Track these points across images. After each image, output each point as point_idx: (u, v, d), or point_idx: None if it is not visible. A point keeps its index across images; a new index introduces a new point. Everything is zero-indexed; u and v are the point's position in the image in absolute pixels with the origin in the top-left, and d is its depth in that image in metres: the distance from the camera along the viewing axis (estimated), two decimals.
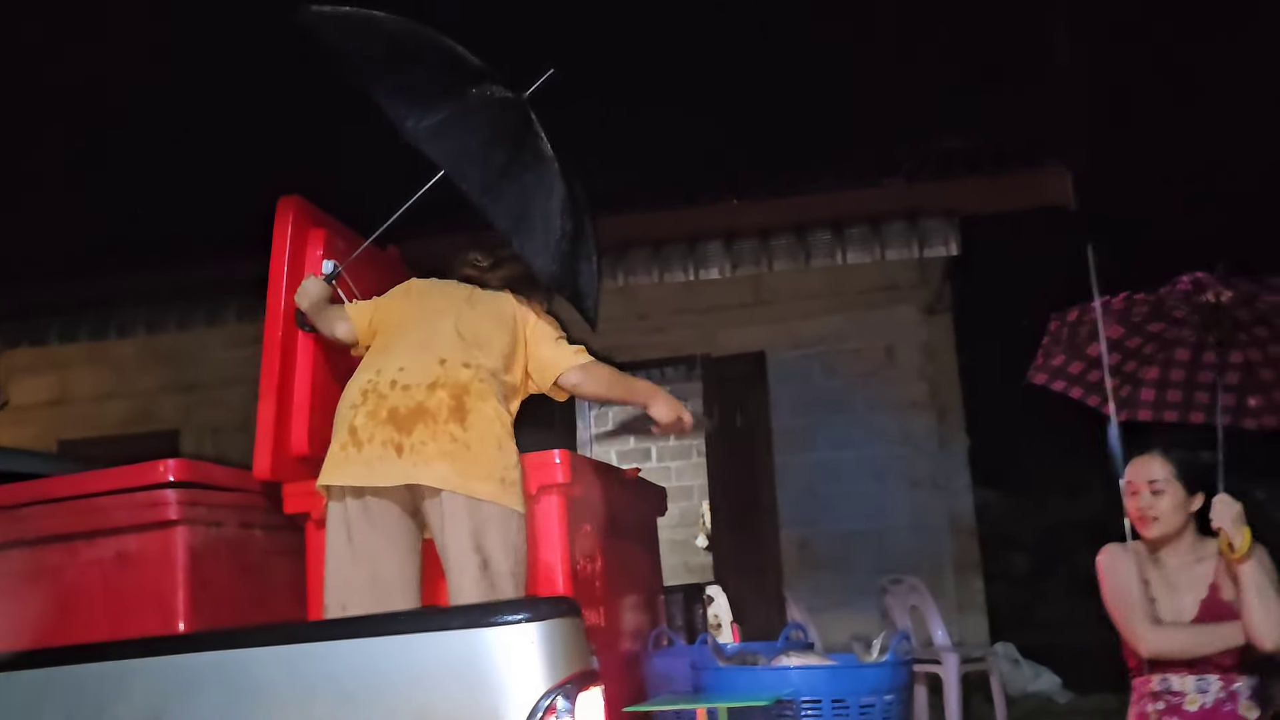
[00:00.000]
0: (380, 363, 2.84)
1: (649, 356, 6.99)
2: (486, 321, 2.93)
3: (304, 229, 3.23)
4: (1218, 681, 2.62)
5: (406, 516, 2.77)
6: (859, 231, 5.85)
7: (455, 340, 2.84)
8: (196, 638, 2.54)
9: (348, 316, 3.04)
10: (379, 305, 3.05)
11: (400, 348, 2.86)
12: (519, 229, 2.96)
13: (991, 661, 5.58)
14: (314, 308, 3.07)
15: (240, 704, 2.13)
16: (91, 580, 2.91)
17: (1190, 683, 2.63)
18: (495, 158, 2.98)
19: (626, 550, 3.49)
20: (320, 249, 3.22)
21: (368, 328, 3.02)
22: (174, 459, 2.90)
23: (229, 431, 6.67)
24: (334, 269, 3.14)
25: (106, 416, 7.30)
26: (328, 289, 3.11)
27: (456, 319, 2.92)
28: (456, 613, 2.35)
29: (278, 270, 3.18)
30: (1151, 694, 2.69)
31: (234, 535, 3.04)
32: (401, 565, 2.76)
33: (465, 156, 2.97)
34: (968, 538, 6.59)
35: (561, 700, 2.06)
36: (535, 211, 2.99)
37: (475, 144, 2.99)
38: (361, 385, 2.80)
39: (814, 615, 5.65)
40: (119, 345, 6.96)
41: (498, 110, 3.05)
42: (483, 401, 2.75)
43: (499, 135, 3.03)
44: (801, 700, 2.54)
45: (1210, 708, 2.60)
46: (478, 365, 2.80)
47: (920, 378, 6.60)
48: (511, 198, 2.98)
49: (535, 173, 3.03)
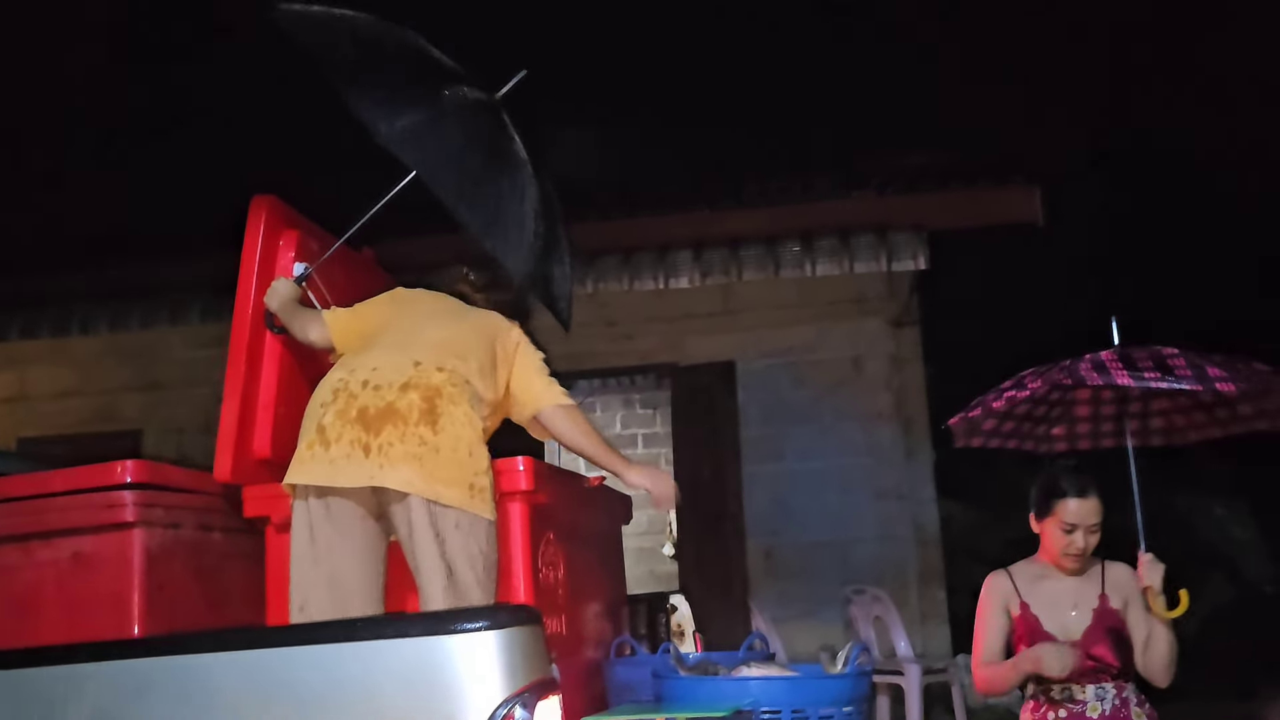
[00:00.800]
0: (355, 363, 2.79)
1: (618, 364, 6.99)
2: (470, 333, 2.89)
3: (276, 229, 3.20)
4: (1111, 689, 2.83)
5: (371, 519, 2.72)
6: (828, 244, 5.90)
7: (433, 344, 2.80)
8: (148, 642, 2.50)
9: (324, 322, 2.98)
10: (358, 312, 3.01)
11: (377, 349, 2.82)
12: (492, 232, 2.96)
13: (953, 672, 5.62)
14: (284, 309, 3.04)
15: (192, 710, 2.10)
16: (46, 581, 2.87)
17: (1090, 691, 2.83)
18: (470, 162, 2.99)
19: (590, 558, 3.49)
20: (292, 250, 3.20)
21: (344, 333, 2.97)
22: (132, 460, 2.87)
23: (193, 432, 6.59)
24: (305, 270, 3.12)
25: (68, 415, 7.19)
26: (298, 290, 3.08)
27: (439, 325, 2.89)
28: (415, 620, 2.33)
29: (248, 270, 3.15)
30: (1051, 702, 2.87)
31: (192, 538, 3.00)
32: (363, 568, 2.70)
33: (440, 161, 2.97)
34: (932, 549, 6.63)
35: (520, 709, 2.05)
36: (509, 214, 2.99)
37: (450, 149, 2.99)
38: (333, 384, 2.75)
39: (778, 625, 5.67)
40: (81, 342, 6.87)
41: (471, 113, 3.05)
42: (455, 405, 2.68)
43: (473, 139, 3.02)
44: (761, 711, 2.55)
45: (1109, 714, 2.81)
46: (452, 370, 2.75)
47: (887, 389, 6.64)
48: (485, 201, 2.98)
49: (510, 176, 3.03)
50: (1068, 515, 2.87)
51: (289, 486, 2.73)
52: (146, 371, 7.17)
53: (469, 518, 2.62)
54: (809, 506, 6.52)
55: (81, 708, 2.16)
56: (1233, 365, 2.86)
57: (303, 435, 2.73)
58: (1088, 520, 2.87)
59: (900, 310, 6.68)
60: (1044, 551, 2.99)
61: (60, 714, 2.17)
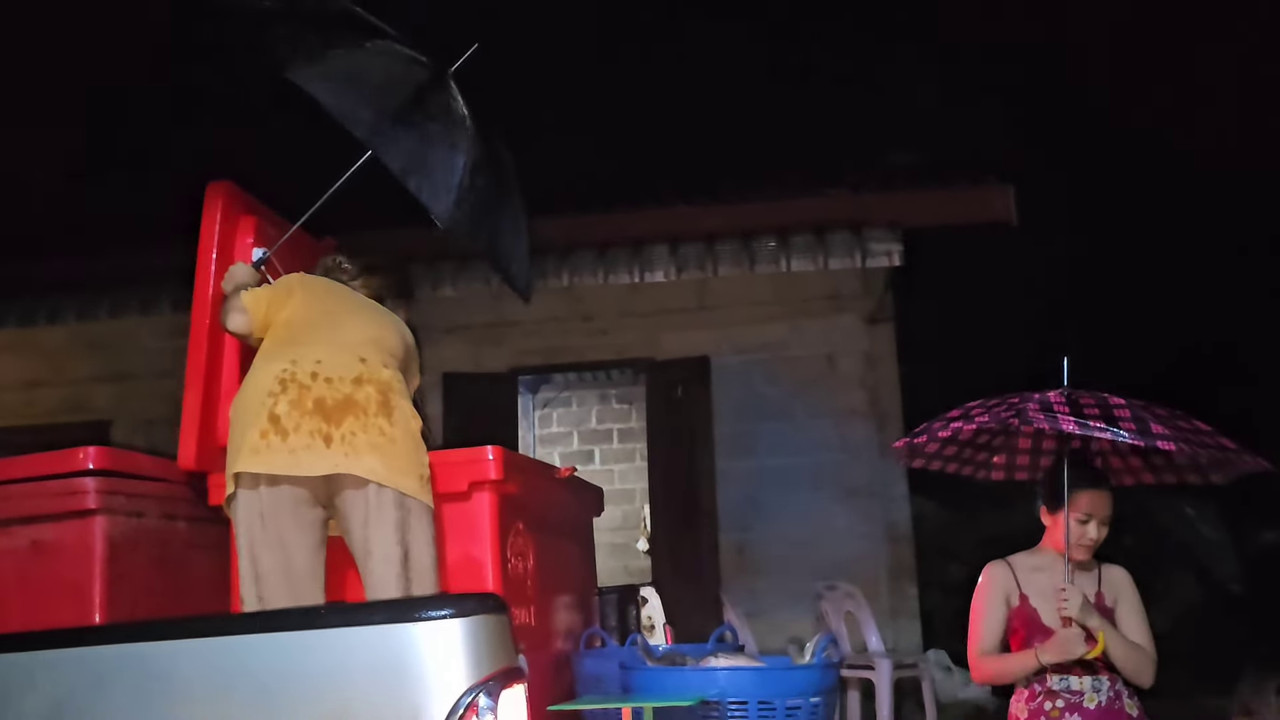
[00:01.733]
0: (293, 354, 2.78)
1: (593, 358, 6.98)
2: (391, 333, 2.97)
3: (234, 215, 3.17)
4: (1106, 680, 2.86)
5: (318, 507, 2.75)
6: (803, 240, 5.91)
7: (368, 343, 2.86)
8: (106, 630, 2.47)
9: (245, 308, 2.93)
10: (273, 298, 2.96)
11: (312, 341, 2.82)
12: (415, 171, 2.98)
13: (923, 668, 5.65)
14: (235, 295, 2.99)
15: (151, 698, 2.06)
16: (5, 570, 2.84)
17: (1087, 682, 2.86)
18: (388, 101, 2.99)
19: (560, 549, 3.48)
20: (250, 236, 3.17)
21: (263, 319, 2.93)
22: (94, 446, 2.83)
23: (163, 423, 6.47)
24: (263, 255, 3.09)
25: (36, 405, 7.11)
26: (255, 275, 3.06)
27: (364, 323, 2.93)
28: (379, 607, 2.31)
29: (206, 256, 3.12)
30: (1049, 691, 2.88)
31: (155, 526, 2.97)
32: (312, 555, 2.74)
33: (353, 97, 2.97)
34: (903, 546, 6.66)
35: (484, 698, 2.03)
36: (436, 158, 3.01)
37: (365, 86, 2.99)
38: (276, 374, 2.73)
39: (750, 620, 5.68)
40: (49, 332, 6.79)
41: (401, 61, 3.06)
42: (403, 399, 2.80)
43: (395, 81, 3.03)
44: (728, 701, 2.54)
45: (1105, 705, 2.85)
46: (395, 369, 2.85)
47: (861, 386, 6.66)
48: (408, 141, 2.99)
49: (440, 123, 3.05)
50: (1083, 506, 2.89)
51: (234, 476, 2.70)
52: (116, 362, 7.09)
53: (420, 505, 2.71)
54: (782, 502, 6.53)
55: (39, 697, 2.13)
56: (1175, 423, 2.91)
57: (248, 424, 2.70)
58: (1101, 512, 2.90)
59: (875, 307, 6.70)
60: (1051, 542, 3.00)
61: (18, 703, 2.13)
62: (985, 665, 2.94)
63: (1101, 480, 2.97)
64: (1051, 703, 2.88)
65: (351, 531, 2.70)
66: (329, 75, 2.95)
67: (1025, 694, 2.94)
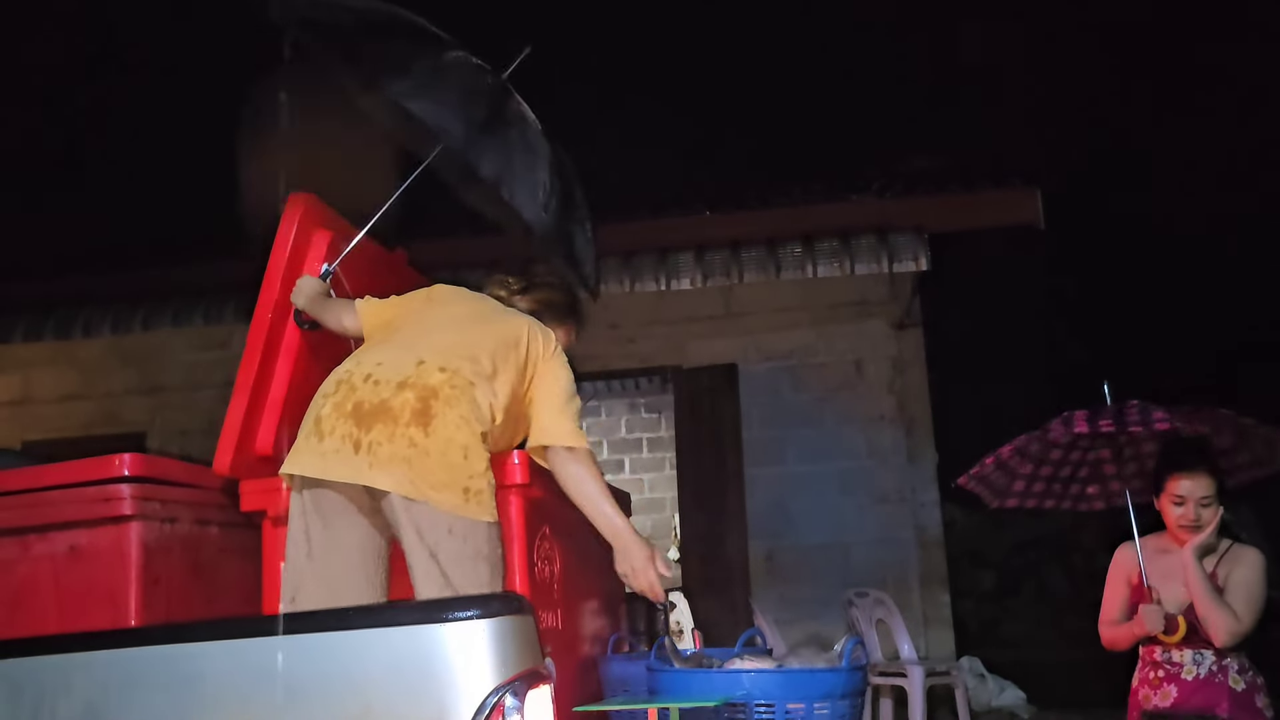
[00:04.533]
0: (365, 356, 2.74)
1: (621, 366, 6.99)
2: (490, 338, 2.76)
3: (310, 227, 3.18)
4: (1211, 655, 3.02)
5: (365, 514, 2.65)
6: (829, 245, 5.90)
7: (443, 345, 2.71)
8: (139, 632, 2.50)
9: (355, 310, 2.95)
10: (391, 303, 2.95)
11: (390, 344, 2.77)
12: (505, 179, 2.96)
13: (957, 675, 5.60)
14: (310, 303, 3.02)
15: (183, 699, 2.09)
16: (43, 576, 2.87)
17: (1188, 655, 3.05)
18: (475, 112, 2.97)
19: (587, 554, 3.47)
20: (324, 249, 3.16)
21: (372, 324, 2.92)
22: (129, 454, 2.87)
23: (197, 434, 6.60)
24: (329, 267, 3.11)
25: (71, 418, 7.23)
26: (323, 285, 3.07)
27: (458, 327, 2.80)
28: (405, 608, 2.32)
29: (276, 266, 3.12)
30: (1153, 663, 3.11)
31: (189, 532, 3.01)
32: (356, 563, 2.64)
33: (445, 110, 2.96)
34: (935, 552, 6.61)
35: (510, 698, 2.03)
36: (519, 164, 2.99)
37: (454, 99, 2.97)
38: (338, 375, 2.70)
39: (780, 627, 5.66)
40: (84, 345, 6.91)
41: (474, 71, 3.07)
42: (450, 408, 2.58)
43: (476, 92, 3.03)
44: (755, 703, 2.54)
45: (1203, 678, 3.00)
46: (455, 371, 2.64)
47: (889, 392, 6.64)
48: (495, 150, 2.98)
49: (518, 129, 3.05)
50: (1177, 490, 3.07)
51: (285, 477, 2.71)
52: (150, 374, 7.21)
53: (464, 522, 2.53)
54: (810, 509, 6.51)
55: (73, 698, 2.16)
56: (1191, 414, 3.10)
57: (303, 425, 2.70)
58: (1196, 494, 3.04)
59: (902, 312, 6.68)
60: (1168, 528, 3.17)
61: (51, 704, 2.16)
62: (1104, 633, 3.22)
63: (1195, 461, 3.09)
64: (1154, 673, 3.10)
65: (399, 541, 2.62)
66: (420, 90, 2.93)
67: (1139, 664, 3.18)
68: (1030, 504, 3.64)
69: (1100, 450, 3.48)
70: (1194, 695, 2.99)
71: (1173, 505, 3.09)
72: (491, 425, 2.66)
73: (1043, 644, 8.36)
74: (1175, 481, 3.08)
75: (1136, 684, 3.14)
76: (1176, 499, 3.07)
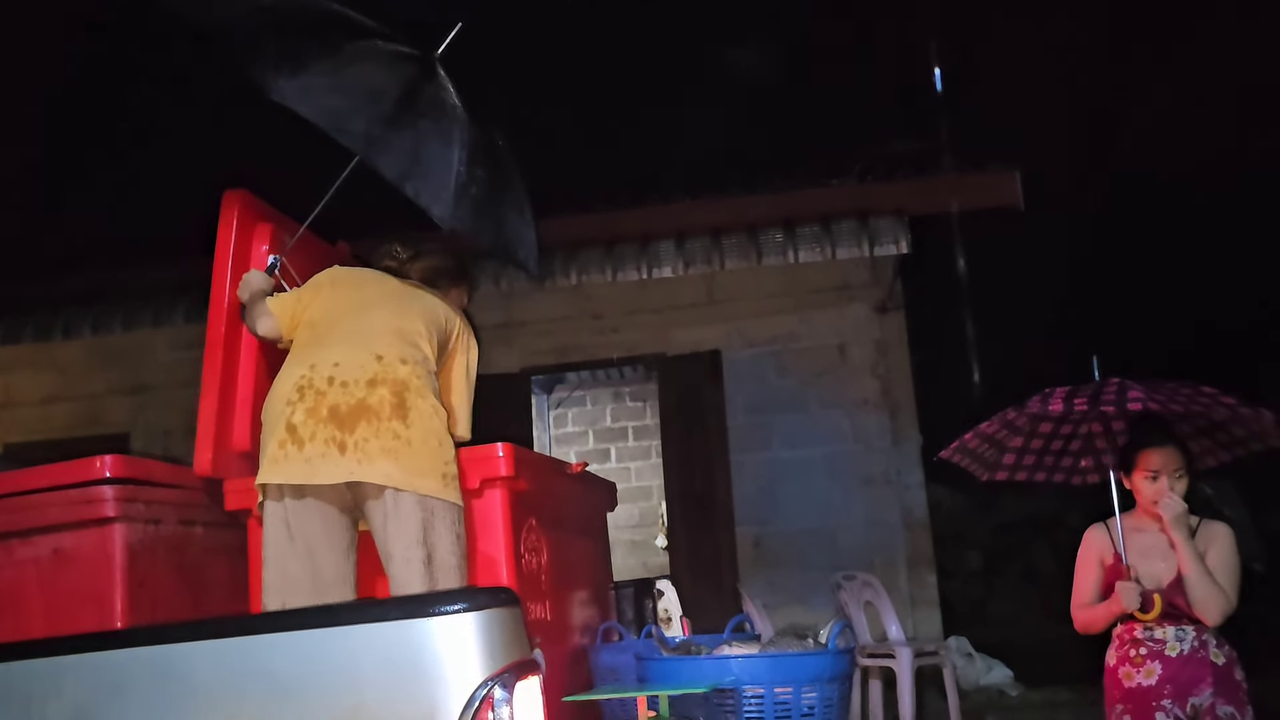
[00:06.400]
0: (313, 357, 2.78)
1: (605, 356, 6.99)
2: (419, 319, 2.90)
3: (250, 222, 3.19)
4: (1191, 631, 3.01)
5: (344, 514, 2.75)
6: (810, 231, 5.91)
7: (389, 335, 2.81)
8: (126, 634, 2.49)
9: (269, 311, 2.96)
10: (300, 297, 2.98)
11: (332, 341, 2.81)
12: (411, 174, 2.92)
13: (944, 655, 5.63)
14: (253, 301, 3.01)
15: (172, 699, 2.09)
16: (27, 579, 2.87)
17: (1170, 632, 3.03)
18: (380, 108, 2.94)
19: (574, 544, 3.49)
20: (266, 243, 3.19)
21: (290, 321, 2.94)
22: (111, 455, 2.86)
23: (180, 434, 6.56)
24: (275, 261, 3.11)
25: (53, 420, 7.17)
26: (269, 281, 3.07)
27: (389, 313, 2.89)
28: (393, 604, 2.32)
29: (221, 264, 3.14)
30: (1133, 640, 3.08)
31: (173, 533, 3.00)
32: (340, 562, 2.73)
33: (341, 110, 2.92)
34: (921, 534, 6.64)
35: (499, 690, 2.04)
36: (431, 157, 2.96)
37: (354, 97, 2.94)
38: (295, 381, 2.74)
39: (769, 611, 5.68)
40: (65, 347, 6.85)
41: (383, 61, 3.01)
42: (421, 398, 2.73)
43: (384, 85, 2.98)
44: (744, 688, 2.55)
45: (1187, 654, 2.99)
46: (414, 361, 2.78)
47: (873, 376, 6.65)
48: (400, 145, 2.94)
49: (431, 119, 3.00)
50: (1150, 464, 3.06)
51: (260, 486, 2.73)
52: (131, 374, 7.15)
53: (444, 505, 2.68)
54: (797, 494, 6.52)
55: (62, 702, 2.15)
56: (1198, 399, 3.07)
57: (269, 433, 2.73)
58: (1169, 466, 3.04)
59: (884, 296, 6.69)
60: (1139, 506, 3.17)
61: (40, 708, 2.16)
62: (1077, 615, 3.18)
63: (1163, 436, 3.10)
64: (1136, 650, 3.07)
65: (375, 535, 2.71)
66: (312, 90, 2.89)
67: (1115, 642, 3.14)
68: (1020, 477, 3.61)
69: (1092, 424, 3.48)
70: (1180, 672, 2.99)
71: (1146, 481, 3.08)
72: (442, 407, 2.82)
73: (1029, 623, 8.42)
74: (1147, 456, 3.08)
75: (1115, 662, 3.12)
76: (1150, 474, 3.07)
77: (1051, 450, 3.57)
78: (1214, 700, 2.95)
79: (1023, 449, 3.54)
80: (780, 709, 2.61)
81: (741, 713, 2.60)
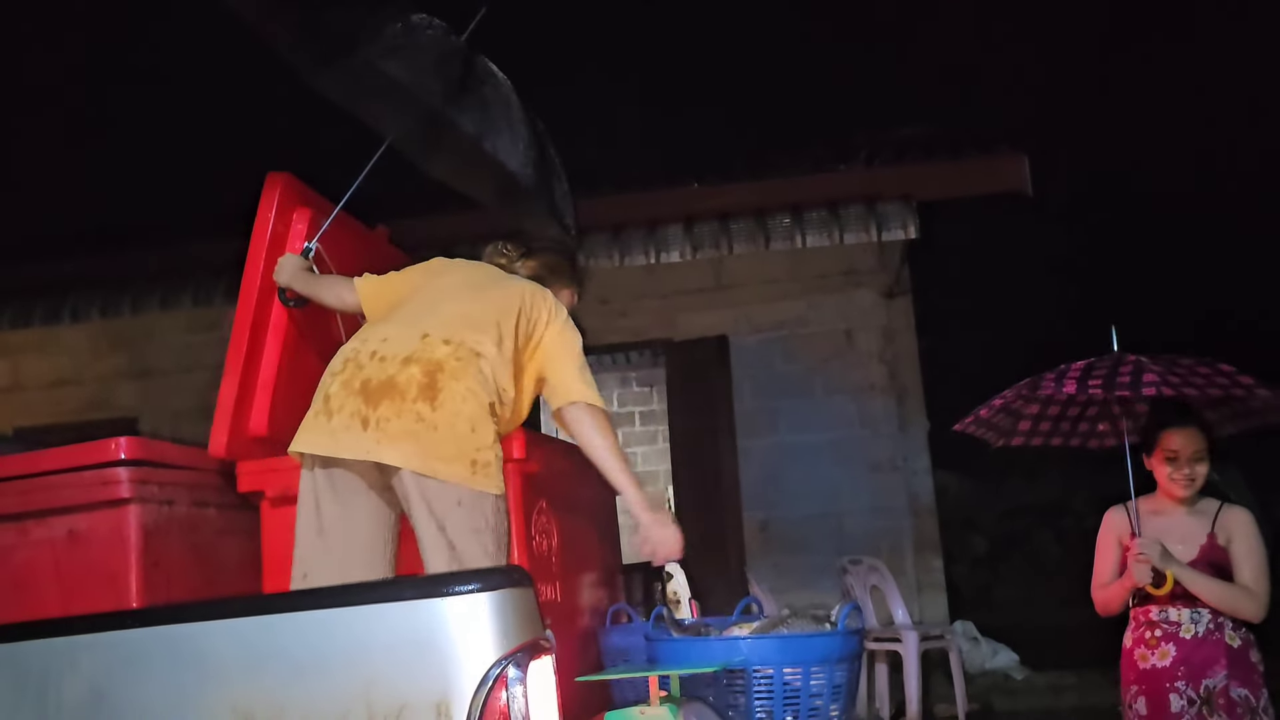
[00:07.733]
0: (370, 333, 2.74)
1: (612, 340, 7.00)
2: (491, 306, 2.76)
3: (289, 206, 3.18)
4: (1207, 614, 3.03)
5: (375, 490, 2.65)
6: (817, 215, 5.90)
7: (447, 317, 2.71)
8: (142, 613, 2.51)
9: (354, 287, 2.94)
10: (390, 280, 2.95)
11: (394, 320, 2.77)
12: (488, 133, 3.01)
13: (950, 639, 5.66)
14: (296, 280, 3.02)
15: (187, 678, 2.10)
16: (43, 560, 2.88)
17: (1185, 614, 3.05)
18: (451, 70, 3.03)
19: (584, 527, 3.51)
20: (304, 227, 3.17)
21: (372, 301, 2.91)
22: (125, 437, 2.87)
23: (189, 417, 6.59)
24: (310, 247, 3.11)
25: (62, 403, 7.21)
26: (304, 263, 3.07)
27: (461, 298, 2.80)
28: (407, 583, 2.34)
29: (258, 246, 3.13)
30: (1149, 622, 3.10)
31: (187, 514, 3.01)
32: (367, 539, 2.65)
33: (423, 71, 3.01)
34: (927, 519, 6.67)
35: (513, 669, 2.05)
36: (498, 117, 3.05)
37: (429, 60, 3.02)
38: (346, 353, 2.71)
39: (776, 595, 5.71)
40: (73, 330, 6.88)
41: (441, 33, 3.10)
42: (456, 380, 2.59)
43: (448, 53, 3.07)
44: (754, 669, 2.57)
45: (1201, 636, 3.02)
46: (459, 343, 2.64)
47: (880, 361, 6.66)
48: (473, 106, 3.03)
49: (491, 85, 3.10)
50: (1171, 445, 3.06)
51: (295, 454, 2.69)
52: (140, 358, 7.18)
53: (472, 494, 2.55)
54: (804, 479, 6.55)
55: (77, 679, 2.17)
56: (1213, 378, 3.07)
57: (313, 403, 2.69)
58: (1189, 448, 3.05)
59: (891, 281, 6.69)
60: (1159, 488, 3.17)
61: (55, 685, 2.18)
62: (1096, 596, 3.20)
63: (1184, 417, 3.09)
64: (1151, 632, 3.09)
65: (408, 516, 2.63)
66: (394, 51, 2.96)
67: (1131, 624, 3.17)
68: (1036, 442, 3.60)
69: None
70: (1194, 653, 3.01)
71: (1165, 462, 3.08)
72: (499, 394, 2.66)
73: (1035, 607, 8.46)
74: (1168, 437, 3.07)
75: (1131, 644, 3.14)
76: (1170, 454, 3.06)
77: (1069, 416, 3.56)
78: (1227, 682, 2.97)
79: (1039, 415, 3.53)
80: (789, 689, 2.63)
81: (750, 692, 2.62)
